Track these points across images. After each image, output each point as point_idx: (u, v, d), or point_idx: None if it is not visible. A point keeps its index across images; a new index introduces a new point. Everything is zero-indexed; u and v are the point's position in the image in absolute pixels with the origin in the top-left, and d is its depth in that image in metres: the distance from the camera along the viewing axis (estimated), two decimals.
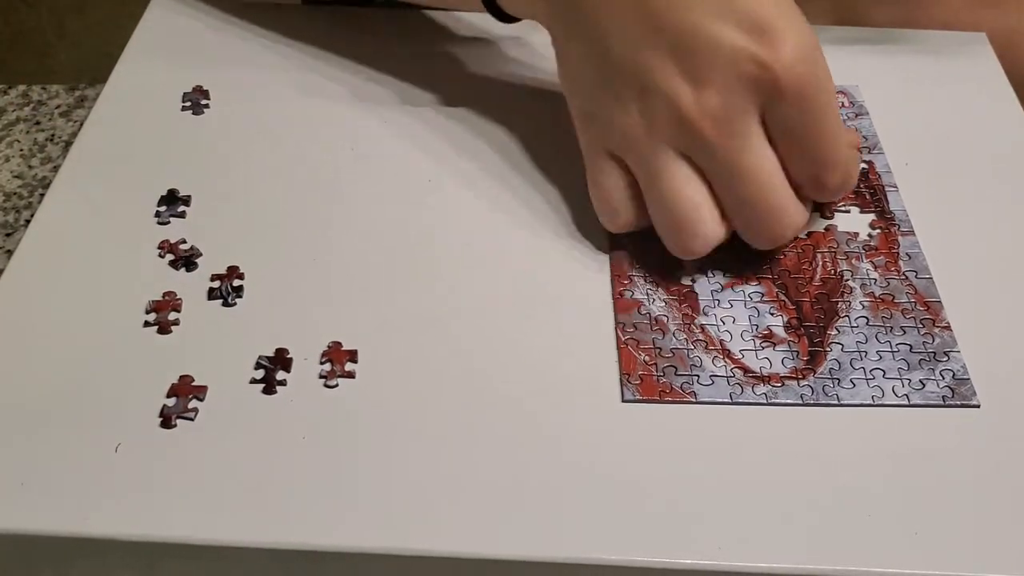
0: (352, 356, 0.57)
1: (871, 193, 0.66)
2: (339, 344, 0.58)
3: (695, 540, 0.50)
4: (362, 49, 0.78)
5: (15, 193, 1.27)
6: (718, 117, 0.57)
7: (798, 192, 0.60)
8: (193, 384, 0.56)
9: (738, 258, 0.62)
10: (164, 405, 0.55)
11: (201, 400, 0.55)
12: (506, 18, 0.69)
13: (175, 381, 0.56)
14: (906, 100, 0.74)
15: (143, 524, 0.50)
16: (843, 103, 0.73)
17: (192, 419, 0.54)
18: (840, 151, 0.59)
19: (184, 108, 0.73)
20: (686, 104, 0.57)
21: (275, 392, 0.56)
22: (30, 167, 1.31)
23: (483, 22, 0.77)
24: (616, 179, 0.61)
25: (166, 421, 0.54)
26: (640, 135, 0.59)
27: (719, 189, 0.59)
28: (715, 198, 0.59)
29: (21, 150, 1.36)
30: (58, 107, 1.52)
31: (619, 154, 0.60)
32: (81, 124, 1.18)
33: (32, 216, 0.76)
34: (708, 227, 0.59)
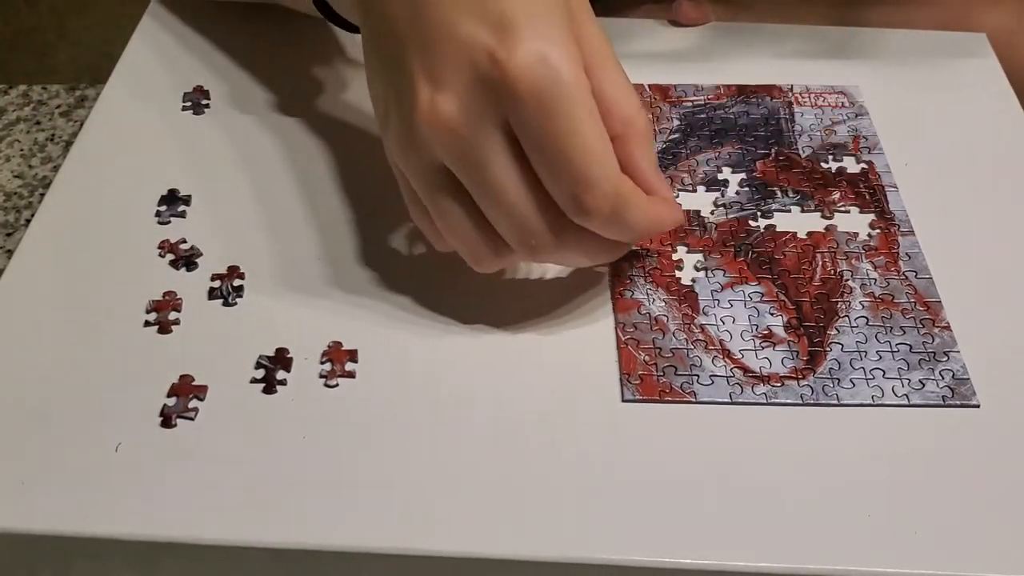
0: (352, 356, 0.57)
1: (871, 193, 0.66)
2: (339, 344, 0.58)
3: (695, 540, 0.50)
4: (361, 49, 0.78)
5: (15, 193, 1.27)
6: (452, 125, 0.52)
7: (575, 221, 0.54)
8: (193, 384, 0.56)
9: (738, 258, 0.62)
10: (164, 405, 0.55)
11: (201, 400, 0.55)
12: (341, 22, 0.68)
13: (175, 381, 0.56)
14: (906, 100, 0.74)
15: (143, 524, 0.50)
16: (843, 103, 0.73)
17: (192, 419, 0.54)
18: (596, 169, 0.51)
19: (184, 108, 0.73)
20: (423, 108, 0.52)
21: (275, 392, 0.56)
22: (30, 167, 1.31)
23: None
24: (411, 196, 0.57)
25: (166, 421, 0.54)
26: (395, 149, 0.55)
27: (475, 199, 0.54)
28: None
29: (21, 150, 1.36)
30: (58, 107, 1.52)
31: (393, 162, 0.57)
32: (81, 124, 1.18)
33: (32, 216, 0.76)
34: (481, 253, 0.56)
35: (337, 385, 0.56)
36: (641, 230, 0.54)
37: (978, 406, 0.55)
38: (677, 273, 0.62)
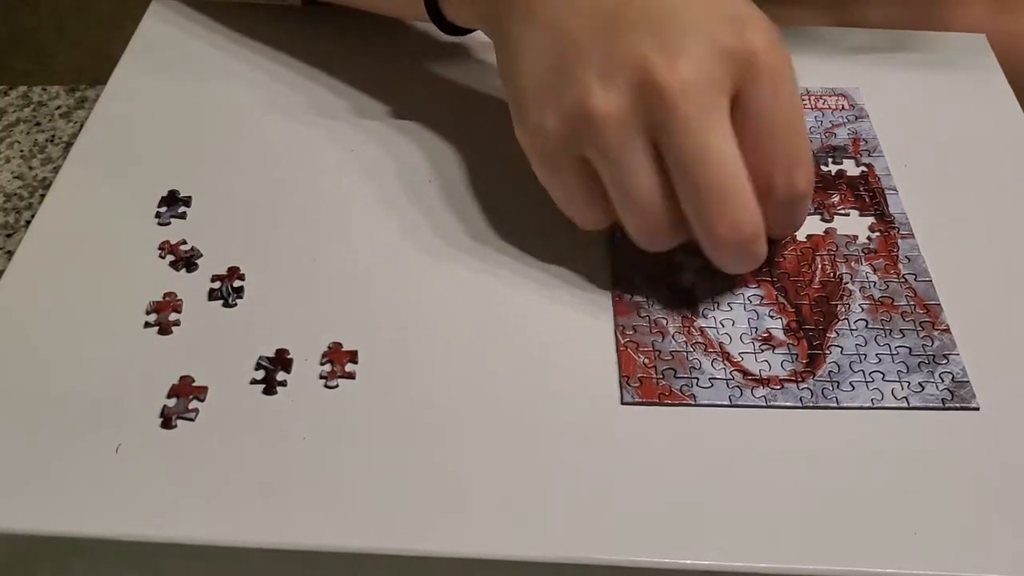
0: (352, 356, 0.57)
1: (871, 196, 0.66)
2: (339, 344, 0.58)
3: (695, 540, 0.50)
4: (362, 50, 0.78)
5: (15, 194, 1.27)
6: (690, 86, 0.54)
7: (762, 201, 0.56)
8: (194, 384, 0.56)
9: None
10: (165, 405, 0.55)
11: (202, 400, 0.55)
12: (452, 29, 0.69)
13: (176, 381, 0.56)
14: (905, 102, 0.74)
15: (143, 524, 0.50)
16: (843, 106, 0.73)
17: (193, 419, 0.54)
18: (807, 150, 0.57)
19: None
20: (659, 71, 0.54)
21: (275, 392, 0.56)
22: (30, 168, 1.31)
23: None
24: (576, 178, 0.59)
25: (167, 421, 0.54)
26: (603, 115, 0.55)
27: (678, 173, 0.55)
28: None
29: (21, 151, 1.36)
30: (58, 108, 1.52)
31: (577, 149, 0.57)
32: (81, 125, 1.18)
33: (32, 217, 0.76)
34: (669, 230, 0.58)
35: (337, 386, 0.56)
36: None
37: (978, 409, 0.55)
38: (677, 276, 0.62)
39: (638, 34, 0.55)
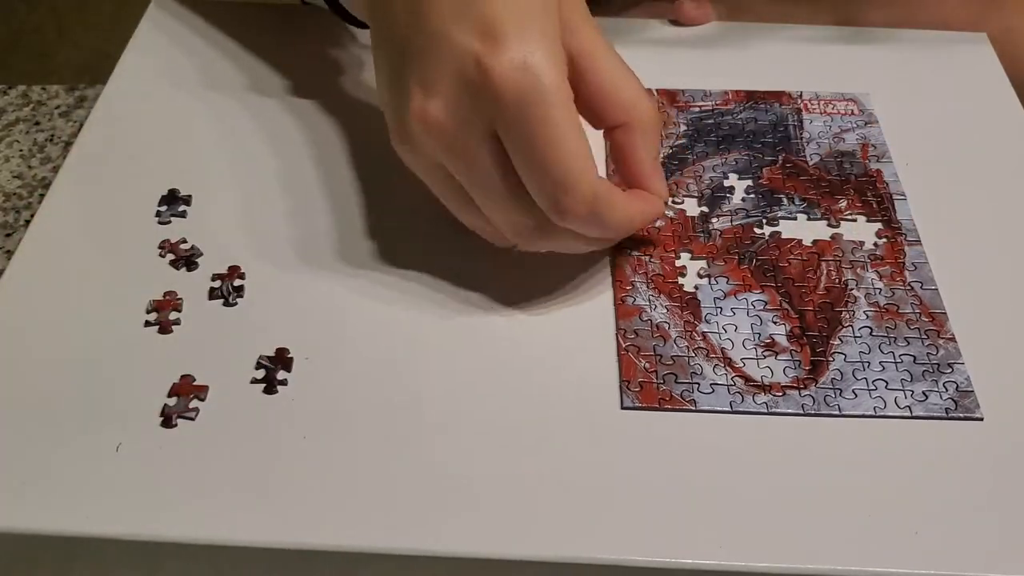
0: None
1: (878, 202, 0.66)
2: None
3: (695, 540, 0.50)
4: (363, 49, 0.78)
5: (15, 193, 1.26)
6: (441, 130, 0.55)
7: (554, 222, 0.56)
8: (194, 384, 0.56)
9: (742, 266, 0.62)
10: (165, 405, 0.55)
11: (202, 400, 0.55)
12: (354, 20, 0.70)
13: (176, 381, 0.56)
14: (908, 105, 0.74)
15: (143, 524, 0.50)
16: (852, 111, 0.73)
17: (193, 419, 0.54)
18: (573, 173, 0.53)
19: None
20: (414, 114, 0.55)
21: (276, 392, 0.56)
22: (30, 167, 1.30)
23: None
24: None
25: (167, 421, 0.54)
26: (395, 145, 0.58)
27: (472, 196, 0.57)
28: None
29: (21, 150, 1.35)
30: (58, 107, 1.51)
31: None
32: (81, 124, 1.18)
33: (32, 216, 0.76)
34: (491, 235, 0.60)
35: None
36: (619, 229, 0.58)
37: (982, 419, 0.55)
38: (680, 280, 0.61)
39: (408, 63, 0.56)
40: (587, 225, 0.56)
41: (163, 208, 0.65)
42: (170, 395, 0.55)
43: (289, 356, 0.57)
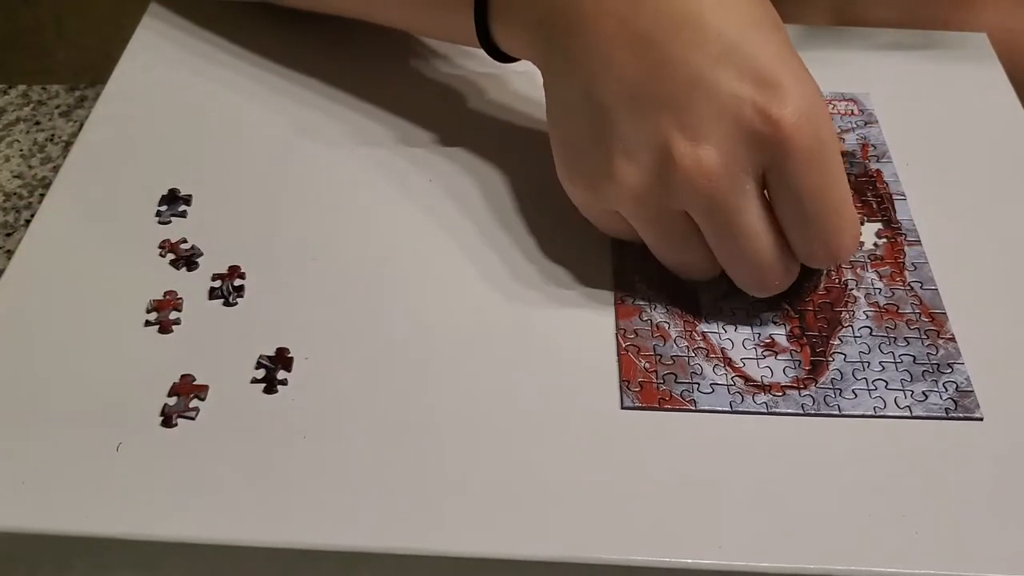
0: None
1: (878, 202, 0.66)
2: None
3: (695, 540, 0.50)
4: (363, 49, 0.78)
5: (15, 193, 1.27)
6: (716, 175, 0.54)
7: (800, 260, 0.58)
8: (194, 383, 0.56)
9: None
10: (165, 404, 0.55)
11: (202, 399, 0.55)
12: (502, 57, 0.66)
13: (176, 380, 0.56)
14: (908, 105, 0.74)
15: (144, 523, 0.50)
16: (852, 111, 0.73)
17: (193, 418, 0.54)
18: (846, 221, 0.56)
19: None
20: (684, 162, 0.54)
21: (276, 391, 0.56)
22: (30, 167, 1.31)
23: None
24: (621, 226, 0.60)
25: (167, 420, 0.54)
26: (635, 195, 0.56)
27: (712, 243, 0.57)
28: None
29: (21, 150, 1.36)
30: (58, 107, 1.52)
31: (618, 211, 0.59)
32: (81, 124, 1.18)
33: (32, 216, 0.76)
34: (699, 276, 0.61)
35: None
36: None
37: (981, 419, 0.55)
38: (680, 279, 0.61)
39: (662, 113, 0.55)
40: (835, 264, 0.59)
41: (163, 208, 0.65)
42: (170, 395, 0.55)
43: (289, 356, 0.57)
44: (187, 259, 0.62)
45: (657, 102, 0.55)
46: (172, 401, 0.55)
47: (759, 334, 0.59)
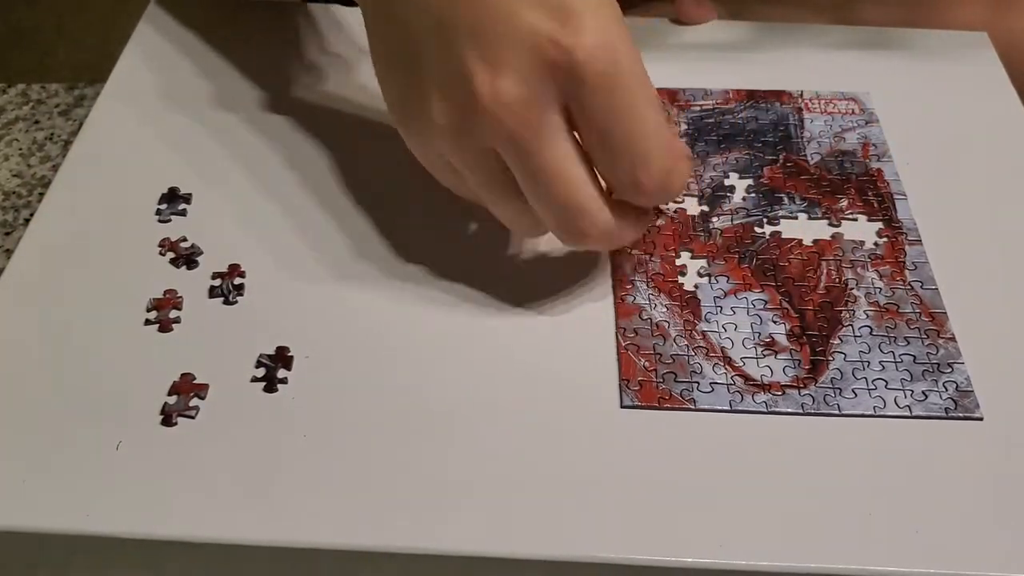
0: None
1: (879, 201, 0.66)
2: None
3: (695, 539, 0.50)
4: (363, 48, 0.78)
5: (14, 192, 1.27)
6: (516, 108, 0.52)
7: (616, 196, 0.56)
8: (194, 382, 0.56)
9: (742, 265, 0.62)
10: (165, 403, 0.55)
11: (202, 398, 0.55)
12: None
13: (176, 379, 0.56)
14: (909, 104, 0.74)
15: (144, 522, 0.50)
16: (853, 110, 0.73)
17: (193, 417, 0.54)
18: (653, 147, 0.54)
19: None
20: (483, 93, 0.53)
21: (276, 390, 0.56)
22: (29, 166, 1.31)
23: None
24: (456, 178, 0.59)
25: (167, 419, 0.54)
26: (449, 133, 0.55)
27: (521, 185, 0.55)
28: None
29: (20, 149, 1.36)
30: (57, 106, 1.52)
31: (437, 150, 0.58)
32: (80, 123, 1.18)
33: (31, 215, 0.76)
34: (529, 231, 0.60)
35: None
36: (678, 193, 0.58)
37: (981, 419, 0.55)
38: (680, 279, 0.61)
39: (466, 42, 0.54)
40: (656, 196, 0.56)
41: (163, 206, 0.65)
42: (170, 393, 0.55)
43: (289, 355, 0.57)
44: (187, 258, 0.62)
45: (461, 31, 0.54)
46: (172, 400, 0.55)
47: (759, 333, 0.59)
